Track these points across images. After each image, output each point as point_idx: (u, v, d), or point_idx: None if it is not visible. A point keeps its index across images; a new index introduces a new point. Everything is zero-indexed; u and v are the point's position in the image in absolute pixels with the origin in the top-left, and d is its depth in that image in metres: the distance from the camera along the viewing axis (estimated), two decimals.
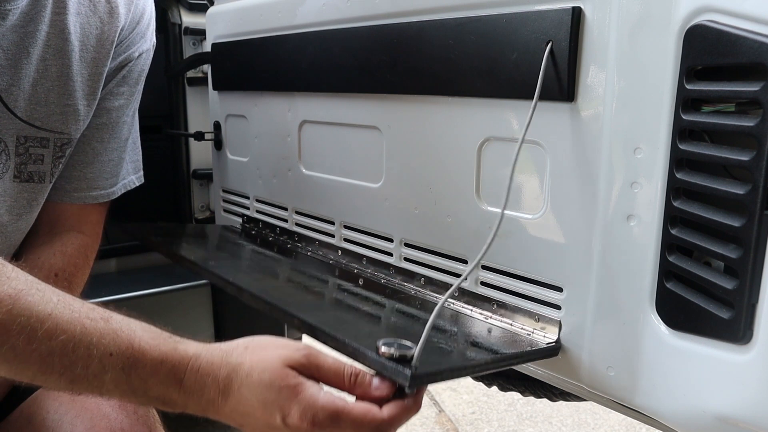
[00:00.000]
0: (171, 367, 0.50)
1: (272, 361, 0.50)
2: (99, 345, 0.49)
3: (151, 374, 0.50)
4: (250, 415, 0.51)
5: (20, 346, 0.47)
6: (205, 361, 0.51)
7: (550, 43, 0.58)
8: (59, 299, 0.50)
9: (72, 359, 0.48)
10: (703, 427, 0.51)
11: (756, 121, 0.43)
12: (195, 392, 0.50)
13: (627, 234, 0.55)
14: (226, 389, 0.51)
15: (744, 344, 0.46)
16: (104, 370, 0.49)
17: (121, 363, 0.49)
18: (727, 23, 0.45)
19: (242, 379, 0.50)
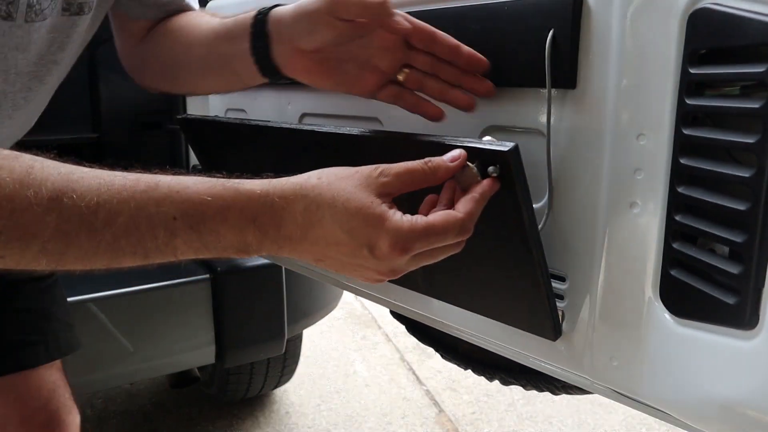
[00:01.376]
0: (240, 209, 0.48)
1: (353, 189, 0.49)
2: (159, 214, 0.47)
3: (221, 223, 0.48)
4: (333, 246, 0.49)
5: (84, 242, 0.45)
6: (277, 197, 0.49)
7: (552, 30, 0.57)
8: (99, 182, 0.46)
9: (138, 237, 0.46)
10: (709, 416, 0.50)
11: (761, 102, 0.43)
12: (270, 230, 0.48)
13: (630, 221, 0.55)
14: (307, 222, 0.49)
15: (750, 330, 0.46)
16: (173, 235, 0.47)
17: (188, 223, 0.47)
18: (731, 5, 0.45)
19: (325, 210, 0.48)
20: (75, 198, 0.45)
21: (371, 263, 0.50)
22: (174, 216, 0.47)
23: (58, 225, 0.44)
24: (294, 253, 0.51)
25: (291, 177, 0.51)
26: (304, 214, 0.49)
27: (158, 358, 1.40)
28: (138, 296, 1.34)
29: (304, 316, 1.67)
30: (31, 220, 0.44)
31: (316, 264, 0.53)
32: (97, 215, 0.45)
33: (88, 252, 0.46)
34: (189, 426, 2.21)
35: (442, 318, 0.78)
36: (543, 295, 0.58)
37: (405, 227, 0.49)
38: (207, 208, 0.47)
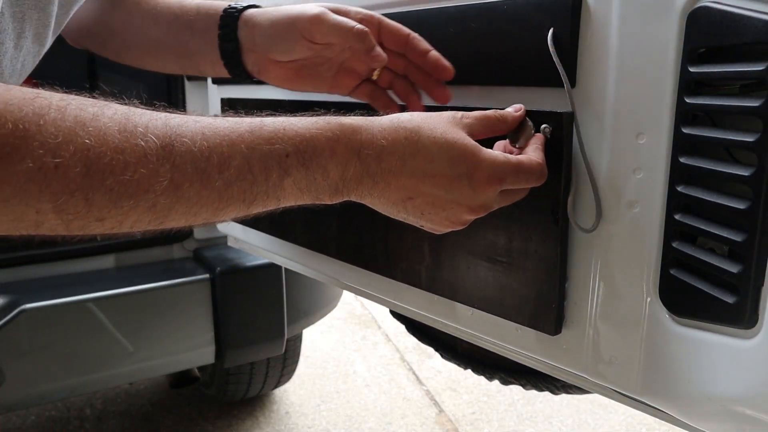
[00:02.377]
0: (347, 142, 0.47)
1: (447, 125, 0.51)
2: (273, 152, 0.44)
3: (329, 157, 0.47)
4: (431, 179, 0.50)
5: (195, 193, 0.41)
6: (377, 129, 0.49)
7: (552, 29, 0.57)
8: (201, 126, 0.43)
9: (250, 181, 0.44)
10: (709, 415, 0.50)
11: (761, 101, 0.43)
12: (372, 162, 0.49)
13: (630, 221, 0.55)
14: (408, 152, 0.49)
15: (749, 328, 0.46)
16: (286, 174, 0.45)
17: (300, 159, 0.45)
18: (730, 4, 0.45)
19: (425, 140, 0.50)
20: (185, 144, 0.41)
21: (466, 195, 0.52)
22: (287, 153, 0.45)
23: (172, 176, 0.40)
24: (388, 190, 0.51)
25: (383, 117, 0.51)
26: (406, 144, 0.49)
27: (158, 358, 1.40)
28: (138, 296, 1.34)
29: (303, 316, 1.67)
30: (145, 173, 0.39)
31: (404, 205, 0.52)
32: (211, 161, 0.42)
33: (196, 204, 0.42)
34: (189, 426, 2.21)
35: (442, 317, 0.78)
36: (556, 276, 0.59)
37: (500, 159, 0.53)
38: (318, 142, 0.46)
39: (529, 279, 0.62)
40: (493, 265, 0.66)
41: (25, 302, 1.24)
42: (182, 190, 0.41)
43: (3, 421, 2.19)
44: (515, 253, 0.63)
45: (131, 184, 0.38)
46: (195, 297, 1.39)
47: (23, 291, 1.29)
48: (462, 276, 0.70)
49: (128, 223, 0.40)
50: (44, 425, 2.21)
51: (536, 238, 0.61)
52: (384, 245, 0.80)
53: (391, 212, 0.54)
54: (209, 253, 1.49)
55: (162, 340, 1.38)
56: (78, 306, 1.28)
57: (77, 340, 1.29)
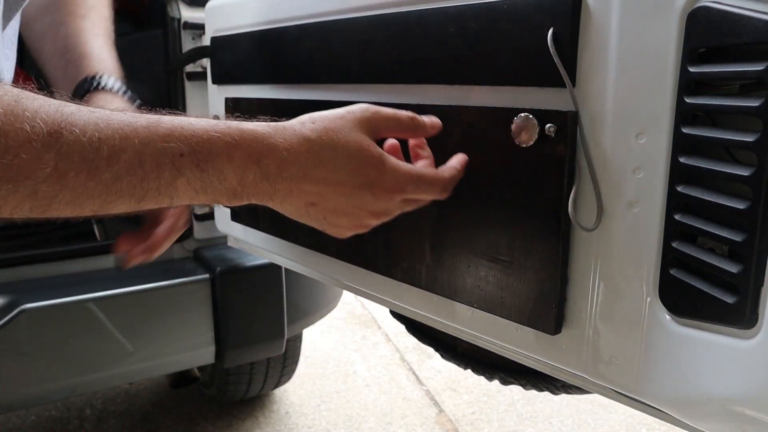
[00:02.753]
0: (246, 149, 0.47)
1: (349, 131, 0.50)
2: (166, 150, 0.43)
3: (226, 162, 0.46)
4: (333, 187, 0.50)
5: (80, 184, 0.40)
6: (280, 138, 0.49)
7: (552, 29, 0.57)
8: (96, 117, 0.42)
9: (141, 176, 0.43)
10: (709, 415, 0.50)
11: (761, 101, 0.43)
12: (272, 171, 0.48)
13: (630, 220, 0.55)
14: (310, 162, 0.49)
15: (749, 329, 0.46)
16: (179, 173, 0.44)
17: (195, 160, 0.45)
18: (730, 4, 0.45)
19: (328, 151, 0.50)
20: (75, 133, 0.40)
21: (368, 202, 0.52)
22: (182, 152, 0.44)
23: (56, 164, 0.39)
24: (290, 196, 0.50)
25: (285, 122, 0.51)
26: (308, 156, 0.49)
27: (158, 358, 1.39)
28: (138, 296, 1.34)
29: (303, 315, 1.67)
30: (27, 158, 0.38)
31: (307, 210, 0.52)
32: (100, 152, 0.41)
33: (81, 195, 0.41)
34: (189, 426, 2.21)
35: (442, 317, 0.78)
36: (557, 275, 0.60)
37: (403, 170, 0.53)
38: (214, 145, 0.46)
39: (529, 278, 0.62)
40: (493, 265, 0.66)
41: (25, 302, 1.24)
42: (67, 179, 0.40)
43: (3, 421, 2.19)
44: (516, 253, 0.63)
45: (11, 168, 0.37)
46: (195, 297, 1.39)
47: (23, 291, 1.29)
48: (462, 275, 0.70)
49: (7, 209, 0.39)
50: (44, 425, 2.21)
51: (537, 237, 0.61)
52: (384, 245, 0.80)
53: (294, 216, 0.54)
54: (209, 253, 1.49)
55: (162, 340, 1.38)
56: (78, 306, 1.28)
57: (77, 340, 1.29)
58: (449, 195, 0.60)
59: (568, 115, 0.57)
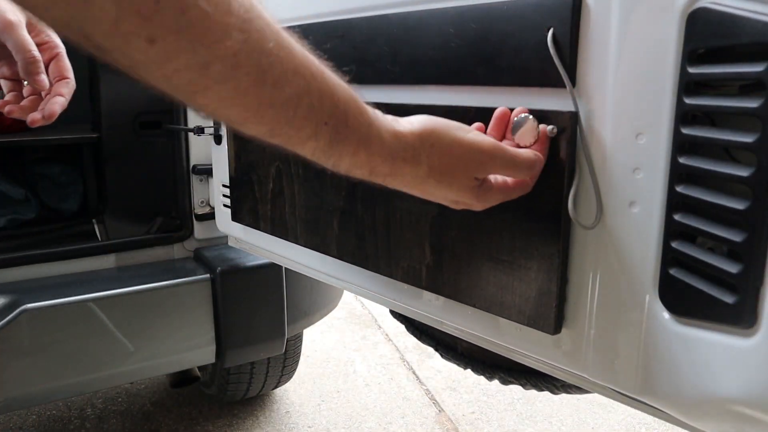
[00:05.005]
0: (369, 153, 0.49)
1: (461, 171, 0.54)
2: (318, 110, 0.44)
3: (350, 154, 0.48)
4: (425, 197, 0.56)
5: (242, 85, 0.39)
6: (400, 159, 0.51)
7: (551, 29, 0.57)
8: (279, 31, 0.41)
9: (289, 117, 0.43)
10: (709, 414, 0.50)
11: (760, 101, 0.43)
12: (378, 178, 0.52)
13: (630, 221, 0.55)
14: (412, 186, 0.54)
15: (749, 328, 0.46)
16: (314, 137, 0.45)
17: (331, 135, 0.46)
18: (730, 5, 0.45)
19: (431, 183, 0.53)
20: (263, 32, 0.39)
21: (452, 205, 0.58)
22: (326, 121, 0.45)
23: (238, 51, 0.37)
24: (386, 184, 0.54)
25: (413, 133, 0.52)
26: (413, 179, 0.53)
27: (158, 358, 1.40)
28: (138, 296, 1.34)
29: (304, 315, 1.67)
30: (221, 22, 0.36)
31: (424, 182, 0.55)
32: (273, 68, 0.40)
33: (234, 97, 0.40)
34: (189, 425, 2.21)
35: (442, 317, 0.78)
36: (557, 275, 0.60)
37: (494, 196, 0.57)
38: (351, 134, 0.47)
39: (529, 278, 0.62)
40: (494, 264, 0.66)
41: (26, 302, 1.24)
42: (239, 72, 0.38)
43: (4, 420, 2.19)
44: (516, 253, 0.63)
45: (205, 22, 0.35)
46: (195, 297, 1.39)
47: (24, 291, 1.29)
48: (463, 275, 0.70)
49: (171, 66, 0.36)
50: (45, 425, 2.21)
51: (538, 236, 0.61)
52: (384, 245, 0.80)
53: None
54: (210, 253, 1.49)
55: (162, 339, 1.38)
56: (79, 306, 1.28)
57: (78, 339, 1.30)
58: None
59: (568, 115, 0.57)
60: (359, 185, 0.84)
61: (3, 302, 1.23)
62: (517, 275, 0.64)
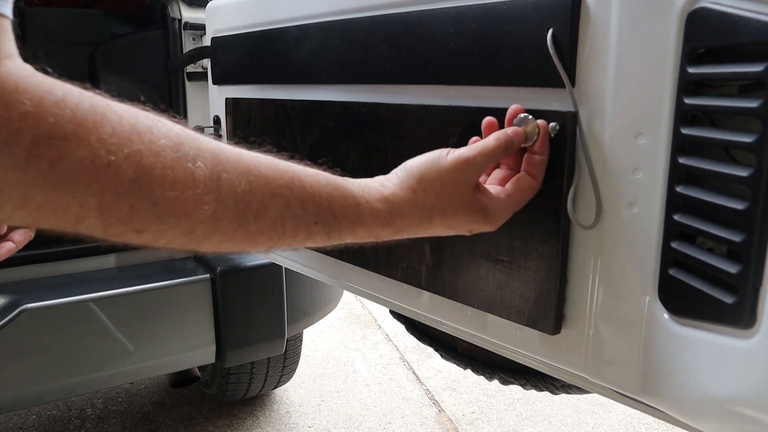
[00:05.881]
0: (369, 227, 0.51)
1: (454, 194, 0.55)
2: (304, 217, 0.47)
3: (350, 235, 0.51)
4: (437, 233, 0.57)
5: (229, 229, 0.42)
6: (399, 219, 0.53)
7: (551, 29, 0.57)
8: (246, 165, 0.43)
9: (280, 233, 0.46)
10: (707, 414, 0.50)
11: (760, 101, 0.43)
12: (392, 238, 0.54)
13: (629, 221, 0.55)
14: (420, 231, 0.55)
15: (748, 329, 0.46)
16: (309, 237, 0.48)
17: (325, 229, 0.49)
18: (730, 5, 0.45)
19: (437, 221, 0.55)
20: (232, 181, 0.42)
21: (467, 233, 0.59)
22: (316, 221, 0.48)
23: (214, 210, 0.41)
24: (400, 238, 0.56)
25: (402, 187, 0.54)
26: (419, 225, 0.55)
27: (159, 358, 1.40)
28: (138, 296, 1.34)
29: (304, 315, 1.67)
30: (191, 197, 0.39)
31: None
32: (251, 206, 0.43)
33: (227, 240, 0.43)
34: (189, 425, 2.21)
35: (442, 317, 0.78)
36: (556, 275, 0.60)
37: (502, 211, 0.57)
38: (343, 221, 0.50)
39: (529, 278, 0.62)
40: (493, 265, 0.66)
41: (26, 302, 1.24)
42: (221, 224, 0.42)
43: (4, 420, 2.19)
44: (516, 253, 0.63)
45: (177, 203, 0.39)
46: (196, 297, 1.39)
47: (24, 291, 1.29)
48: (462, 275, 0.70)
49: (163, 241, 0.41)
50: (45, 424, 2.21)
51: (537, 237, 0.61)
52: (384, 245, 0.80)
53: None
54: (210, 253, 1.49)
55: (163, 339, 1.38)
56: (79, 306, 1.28)
57: (78, 339, 1.30)
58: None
59: (568, 115, 0.57)
60: None
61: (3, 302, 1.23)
62: (516, 275, 0.64)
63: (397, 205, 0.53)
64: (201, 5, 1.32)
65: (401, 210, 0.53)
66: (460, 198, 0.55)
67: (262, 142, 1.02)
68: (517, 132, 0.58)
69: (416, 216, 0.54)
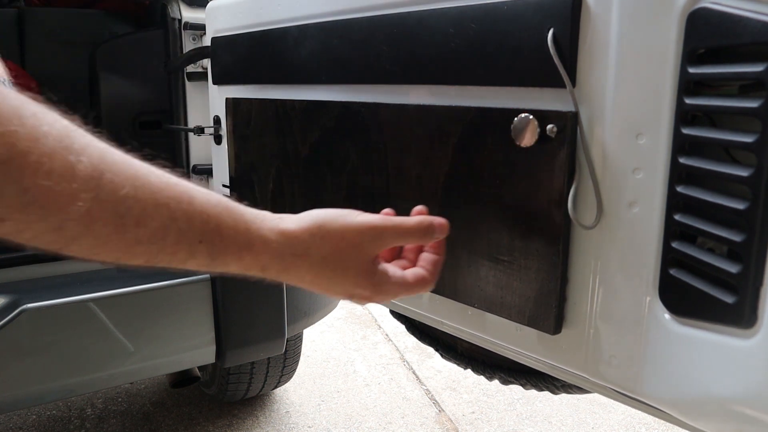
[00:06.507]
0: (255, 255, 0.50)
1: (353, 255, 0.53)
2: (189, 232, 0.45)
3: (236, 261, 0.49)
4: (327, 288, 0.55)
5: (104, 234, 0.40)
6: (289, 255, 0.52)
7: (552, 29, 0.57)
8: (135, 171, 0.42)
9: (159, 247, 0.44)
10: (708, 414, 0.50)
11: (760, 101, 0.43)
12: (273, 273, 0.52)
13: (630, 221, 0.55)
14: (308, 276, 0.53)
15: (749, 328, 0.46)
16: (191, 256, 0.46)
17: (209, 250, 0.47)
18: (730, 5, 0.45)
19: (327, 272, 0.53)
20: (114, 183, 0.40)
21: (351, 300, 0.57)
22: (200, 239, 0.46)
23: (89, 209, 0.39)
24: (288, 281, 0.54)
25: (296, 229, 0.52)
26: (309, 269, 0.53)
27: (158, 358, 1.40)
28: (138, 296, 1.34)
29: (304, 315, 1.67)
30: (65, 190, 0.37)
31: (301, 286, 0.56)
32: (132, 211, 0.41)
33: (101, 246, 0.41)
34: (189, 425, 2.21)
35: (442, 317, 0.78)
36: (557, 275, 0.60)
37: (395, 286, 0.56)
38: (229, 244, 0.48)
39: (530, 278, 0.62)
40: (494, 264, 0.66)
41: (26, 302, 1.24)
42: (95, 225, 0.40)
43: (4, 420, 2.19)
44: (516, 252, 0.63)
45: (49, 194, 0.37)
46: (195, 296, 1.39)
47: (24, 291, 1.29)
48: (463, 275, 0.70)
49: (27, 235, 0.38)
50: (45, 424, 2.21)
51: (538, 237, 0.61)
52: None
53: None
54: None
55: (163, 339, 1.38)
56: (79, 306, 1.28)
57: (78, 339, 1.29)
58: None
59: (568, 115, 0.57)
60: (359, 185, 0.84)
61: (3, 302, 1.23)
62: (517, 275, 0.64)
63: (290, 242, 0.51)
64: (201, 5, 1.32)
65: (293, 248, 0.52)
66: (356, 261, 0.53)
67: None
68: (442, 225, 0.57)
69: (307, 260, 0.52)
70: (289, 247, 0.51)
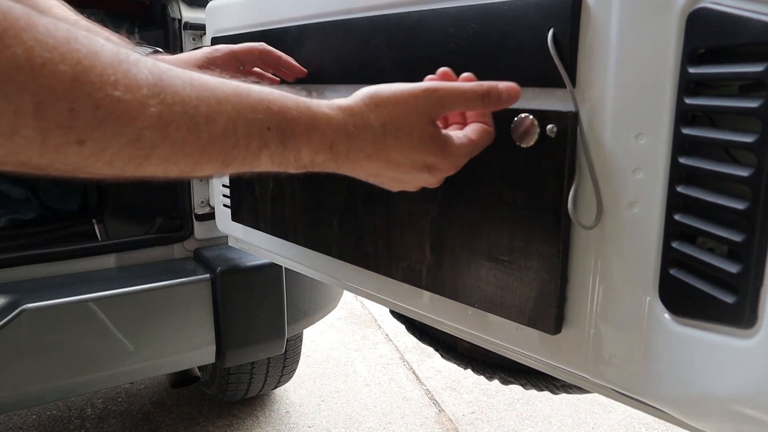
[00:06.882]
0: (322, 133, 0.50)
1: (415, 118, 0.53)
2: (256, 121, 0.46)
3: (305, 143, 0.49)
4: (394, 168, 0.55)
5: (179, 139, 0.41)
6: (352, 126, 0.52)
7: (552, 29, 0.57)
8: (190, 75, 0.43)
9: (234, 141, 0.44)
10: (708, 414, 0.50)
11: (760, 101, 0.43)
12: (341, 154, 0.52)
13: (630, 221, 0.55)
14: (374, 150, 0.53)
15: (749, 328, 0.46)
16: (265, 146, 0.47)
17: (280, 135, 0.47)
18: (730, 5, 0.45)
19: (391, 140, 0.53)
20: (176, 85, 0.40)
21: (425, 179, 0.57)
22: (269, 126, 0.47)
23: (160, 113, 0.39)
24: (354, 171, 0.55)
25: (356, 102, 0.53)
26: (374, 141, 0.53)
27: (158, 358, 1.40)
28: (138, 296, 1.34)
29: (304, 315, 1.67)
30: (133, 99, 0.38)
31: (367, 178, 0.57)
32: (199, 110, 0.42)
33: (178, 151, 0.41)
34: (189, 425, 2.21)
35: (442, 317, 0.78)
36: (557, 275, 0.60)
37: (462, 150, 0.56)
38: (297, 125, 0.48)
39: (529, 278, 0.62)
40: (494, 264, 0.66)
41: (26, 302, 1.24)
42: (169, 129, 0.40)
43: (4, 420, 2.19)
44: (516, 252, 0.63)
45: (120, 105, 0.37)
46: (195, 297, 1.39)
47: (24, 291, 1.29)
48: (463, 275, 0.70)
49: (108, 154, 0.38)
50: (45, 425, 2.21)
51: (538, 237, 0.61)
52: (384, 245, 0.80)
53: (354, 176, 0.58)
54: (210, 253, 1.49)
55: (163, 339, 1.38)
56: (79, 306, 1.28)
57: (78, 339, 1.29)
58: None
59: (569, 115, 0.57)
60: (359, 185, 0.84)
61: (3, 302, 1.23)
62: (517, 275, 0.64)
63: (350, 114, 0.52)
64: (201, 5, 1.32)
65: (354, 119, 0.52)
66: (417, 124, 0.54)
67: None
68: (510, 89, 0.57)
69: (369, 131, 0.52)
70: (351, 119, 0.52)
